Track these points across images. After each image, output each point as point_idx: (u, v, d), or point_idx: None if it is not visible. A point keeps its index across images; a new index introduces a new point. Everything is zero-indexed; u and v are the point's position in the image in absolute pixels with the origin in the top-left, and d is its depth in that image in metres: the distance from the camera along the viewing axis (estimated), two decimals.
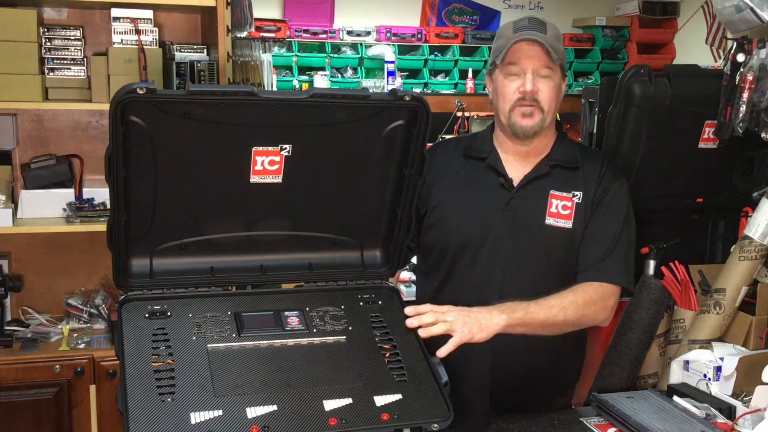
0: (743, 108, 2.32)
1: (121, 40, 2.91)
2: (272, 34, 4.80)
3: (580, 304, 1.95)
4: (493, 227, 2.06)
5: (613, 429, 1.92)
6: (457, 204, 2.11)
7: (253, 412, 1.52)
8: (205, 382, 1.56)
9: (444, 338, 1.76)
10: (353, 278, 1.92)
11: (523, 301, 1.90)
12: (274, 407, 1.54)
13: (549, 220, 2.06)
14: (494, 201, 2.08)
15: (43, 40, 2.86)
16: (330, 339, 1.73)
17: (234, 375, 1.59)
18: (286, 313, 1.77)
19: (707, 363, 2.09)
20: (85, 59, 2.91)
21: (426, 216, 2.15)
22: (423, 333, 1.76)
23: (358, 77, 5.03)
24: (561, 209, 2.06)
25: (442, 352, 1.73)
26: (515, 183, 2.09)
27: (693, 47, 5.15)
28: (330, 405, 1.57)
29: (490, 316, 1.82)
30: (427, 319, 1.77)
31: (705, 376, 2.09)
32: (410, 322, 1.77)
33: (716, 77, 2.42)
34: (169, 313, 1.70)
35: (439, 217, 2.13)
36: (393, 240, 1.92)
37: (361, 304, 1.84)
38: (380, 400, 1.60)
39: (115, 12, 2.91)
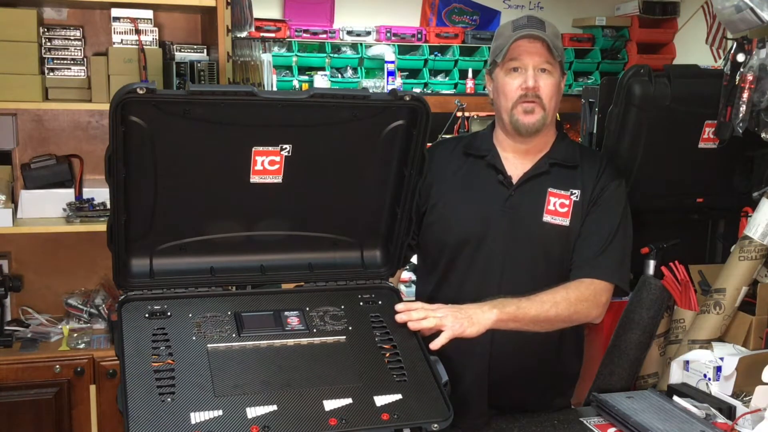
0: (743, 108, 2.32)
1: (121, 40, 2.91)
2: (272, 34, 4.80)
3: (572, 300, 1.95)
4: (491, 224, 2.07)
5: (613, 429, 1.92)
6: (457, 201, 2.11)
7: (253, 412, 1.52)
8: (205, 382, 1.56)
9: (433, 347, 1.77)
10: (353, 278, 1.92)
11: (516, 297, 1.90)
12: (274, 407, 1.54)
13: (546, 218, 2.06)
14: (493, 198, 2.09)
15: (43, 40, 2.86)
16: (330, 339, 1.73)
17: (234, 375, 1.59)
18: (286, 313, 1.77)
19: (707, 363, 2.09)
20: (85, 59, 2.91)
21: (426, 214, 2.15)
22: (412, 326, 1.77)
23: (358, 77, 5.03)
24: (559, 207, 2.06)
25: (435, 344, 1.74)
26: (514, 180, 2.09)
27: (693, 47, 5.15)
28: (330, 405, 1.57)
29: (481, 312, 1.82)
30: (417, 314, 1.78)
31: (705, 376, 2.09)
32: (400, 317, 1.78)
33: (716, 77, 2.42)
34: (169, 313, 1.70)
35: (439, 215, 2.13)
36: (393, 240, 1.92)
37: (361, 304, 1.84)
38: (380, 400, 1.60)
39: (115, 12, 2.91)
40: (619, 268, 2.04)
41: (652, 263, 2.53)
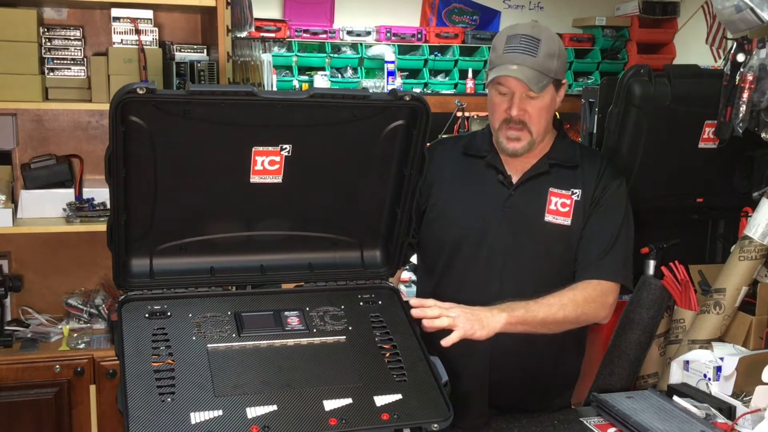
0: (743, 108, 2.32)
1: (121, 40, 2.91)
2: (272, 34, 4.80)
3: (579, 301, 1.96)
4: (491, 224, 2.07)
5: (613, 429, 1.92)
6: (457, 201, 2.12)
7: (253, 412, 1.52)
8: (205, 382, 1.56)
9: (442, 336, 1.78)
10: (353, 278, 1.92)
11: (523, 300, 1.90)
12: (274, 407, 1.54)
13: (548, 218, 2.06)
14: (493, 198, 2.09)
15: (43, 40, 2.86)
16: (330, 339, 1.73)
17: (234, 375, 1.59)
18: (286, 313, 1.77)
19: (707, 363, 2.09)
20: (85, 59, 2.91)
21: (425, 213, 2.16)
22: (427, 324, 1.77)
23: (358, 77, 5.03)
24: (560, 206, 2.06)
25: (447, 341, 1.76)
26: (514, 180, 2.09)
27: (693, 47, 5.15)
28: (330, 405, 1.57)
29: (491, 315, 1.83)
30: (432, 312, 1.78)
31: (705, 376, 2.09)
32: (415, 312, 1.79)
33: (716, 77, 2.42)
34: (169, 313, 1.70)
35: (438, 214, 2.14)
36: (393, 240, 1.92)
37: (361, 304, 1.84)
38: (380, 400, 1.60)
39: (115, 12, 2.91)
40: (623, 267, 2.05)
41: (652, 263, 2.53)
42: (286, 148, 1.73)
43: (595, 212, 2.07)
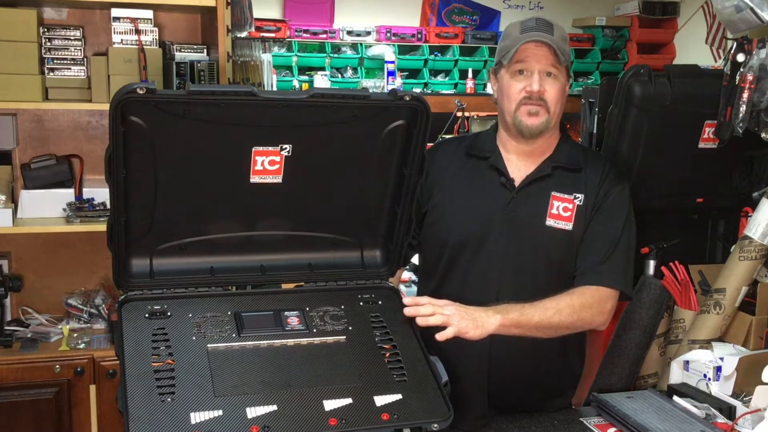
0: (743, 108, 2.32)
1: (121, 40, 2.91)
2: (272, 34, 4.80)
3: (576, 307, 1.95)
4: (493, 226, 2.07)
5: (613, 429, 1.92)
6: (458, 202, 2.11)
7: (253, 412, 1.52)
8: (205, 382, 1.56)
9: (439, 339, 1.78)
10: (353, 278, 1.92)
11: (519, 302, 1.90)
12: (274, 407, 1.54)
13: (549, 222, 2.06)
14: (495, 200, 2.08)
15: (43, 40, 2.86)
16: (330, 339, 1.73)
17: (234, 375, 1.59)
18: (286, 313, 1.77)
19: (707, 363, 2.10)
20: (85, 59, 2.91)
21: (427, 214, 2.15)
22: (420, 321, 1.78)
23: (358, 77, 5.03)
24: (562, 211, 2.06)
25: (441, 336, 1.76)
26: (517, 183, 2.09)
27: (693, 47, 5.15)
28: (330, 405, 1.57)
29: (486, 316, 1.83)
30: (425, 310, 1.79)
31: (705, 376, 2.09)
32: (408, 311, 1.79)
33: (716, 77, 2.42)
34: (169, 313, 1.70)
35: (440, 215, 2.13)
36: (393, 240, 1.92)
37: (361, 304, 1.84)
38: (380, 400, 1.60)
39: (115, 12, 2.91)
40: (623, 274, 2.04)
41: (652, 263, 2.53)
42: (286, 148, 1.73)
43: (596, 217, 2.06)
